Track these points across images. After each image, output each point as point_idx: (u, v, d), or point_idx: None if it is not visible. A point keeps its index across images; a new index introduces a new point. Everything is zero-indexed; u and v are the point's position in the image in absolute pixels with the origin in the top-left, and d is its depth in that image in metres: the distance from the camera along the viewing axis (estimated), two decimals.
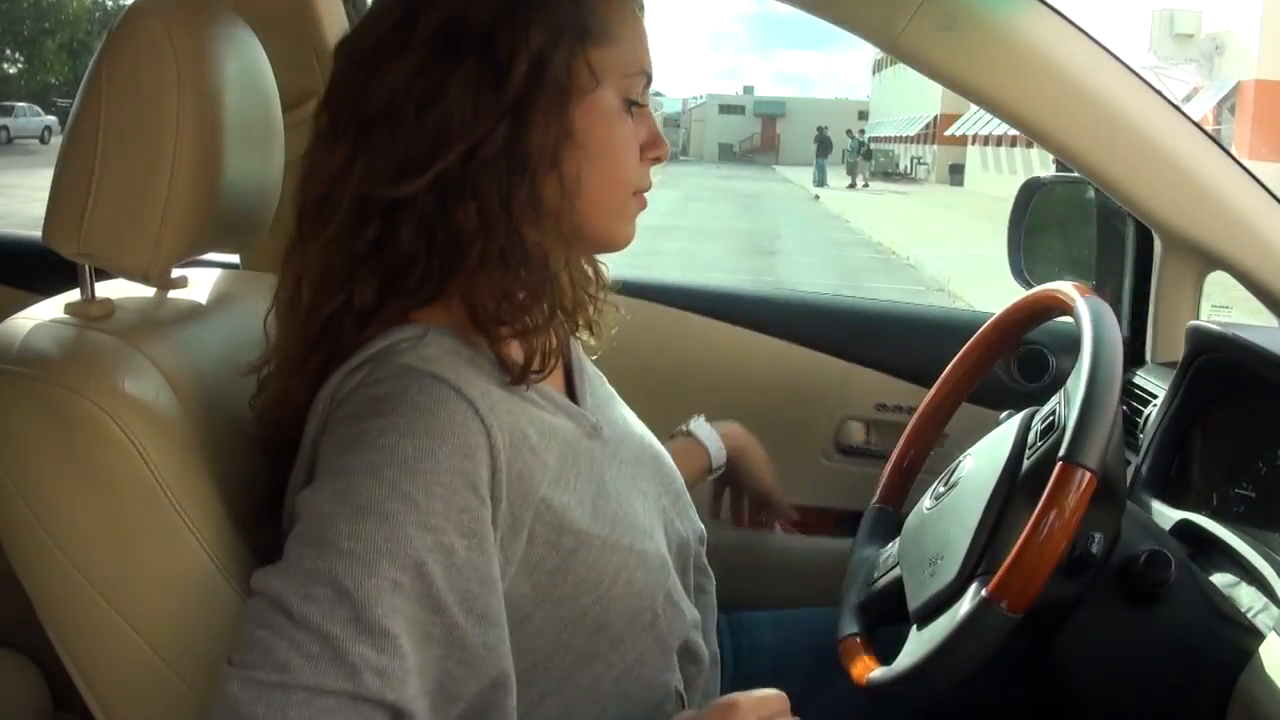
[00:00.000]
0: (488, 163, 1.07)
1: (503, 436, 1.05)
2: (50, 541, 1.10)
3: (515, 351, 1.13)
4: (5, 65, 50.75)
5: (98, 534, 1.10)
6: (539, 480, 1.10)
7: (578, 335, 1.35)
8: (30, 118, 40.79)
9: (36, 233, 1.22)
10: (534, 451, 1.10)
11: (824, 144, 40.16)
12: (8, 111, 39.91)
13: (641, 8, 1.19)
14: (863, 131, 43.51)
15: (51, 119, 40.43)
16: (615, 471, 1.23)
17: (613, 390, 1.40)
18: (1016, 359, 2.11)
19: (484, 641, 1.03)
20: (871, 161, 45.53)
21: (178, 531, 1.10)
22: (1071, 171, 1.87)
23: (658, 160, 1.20)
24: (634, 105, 1.16)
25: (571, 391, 1.30)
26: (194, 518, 1.11)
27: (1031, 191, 2.23)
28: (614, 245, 1.22)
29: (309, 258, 1.12)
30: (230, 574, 1.11)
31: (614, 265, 1.34)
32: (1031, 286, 1.60)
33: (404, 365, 1.06)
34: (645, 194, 1.21)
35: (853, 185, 38.64)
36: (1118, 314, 1.62)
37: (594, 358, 1.40)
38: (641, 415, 1.43)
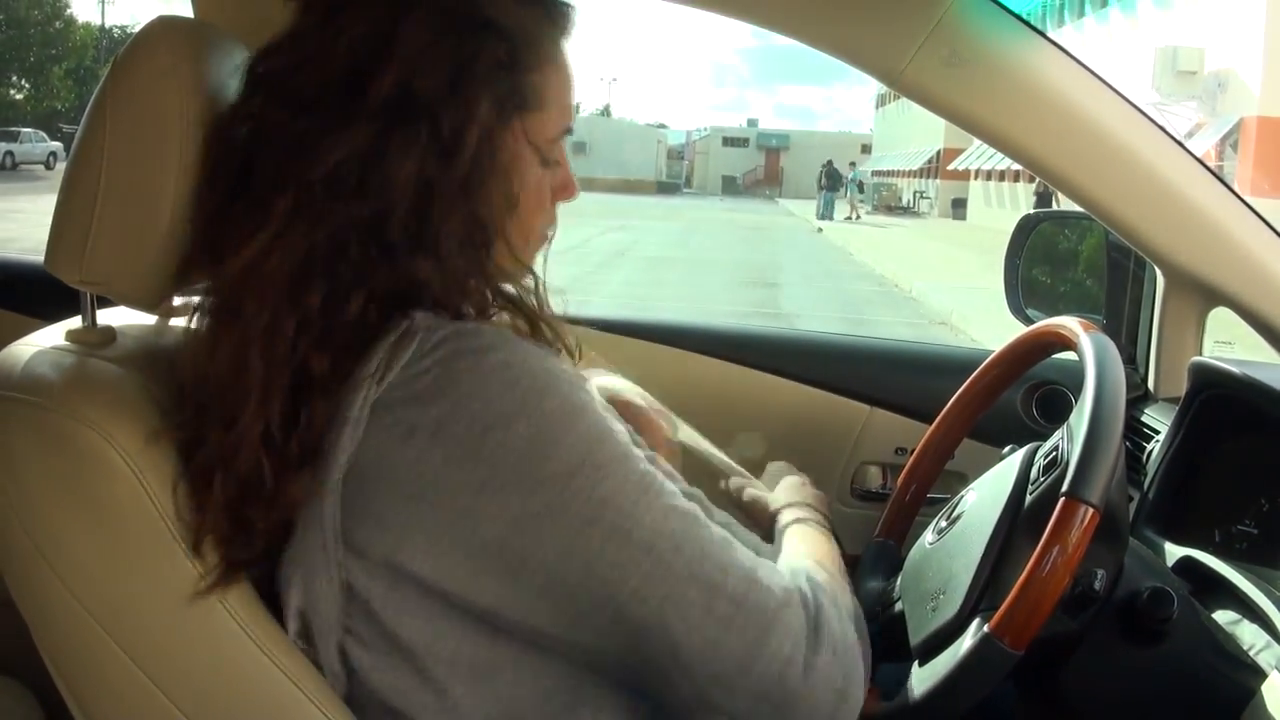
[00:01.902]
0: (429, 225, 1.09)
1: None
2: (48, 568, 1.09)
3: None
4: (12, 91, 50.90)
5: (96, 561, 1.10)
6: None
7: None
8: (36, 143, 40.90)
9: (40, 258, 1.21)
10: None
11: (833, 177, 40.11)
12: (14, 137, 40.03)
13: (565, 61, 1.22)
14: (853, 165, 43.52)
15: (57, 145, 40.52)
16: None
17: None
18: (1037, 399, 2.11)
19: None
20: (865, 195, 45.73)
21: (176, 559, 1.09)
22: (1054, 205, 1.87)
23: (568, 200, 1.26)
24: (551, 162, 1.20)
25: None
26: (194, 546, 1.10)
27: (1028, 228, 2.23)
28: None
29: (248, 323, 1.08)
30: (228, 603, 1.11)
31: (619, 303, 1.36)
32: (1030, 322, 1.59)
33: (455, 327, 1.07)
34: (547, 236, 1.26)
35: (848, 218, 38.71)
36: (1121, 350, 1.62)
37: None
38: None
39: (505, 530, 1.03)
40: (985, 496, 1.41)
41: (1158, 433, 1.77)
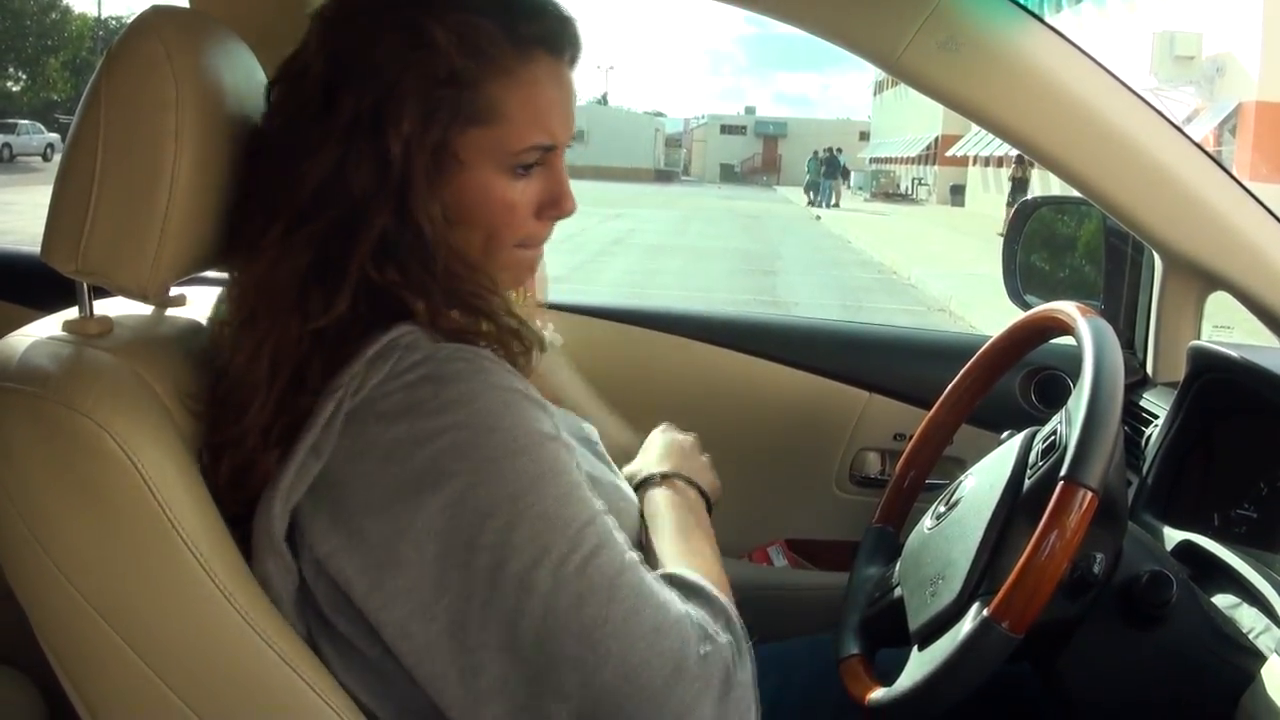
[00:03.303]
0: (389, 239, 1.13)
1: None
2: (47, 558, 1.09)
3: None
4: (8, 82, 50.87)
5: (95, 551, 1.09)
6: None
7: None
8: (33, 135, 40.83)
9: (37, 248, 1.21)
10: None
11: (832, 164, 40.09)
12: (10, 129, 39.96)
13: (561, 83, 1.21)
14: (840, 150, 43.61)
15: (54, 136, 40.44)
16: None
17: None
18: (1035, 384, 2.11)
19: None
20: (856, 181, 45.85)
21: (176, 549, 1.09)
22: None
23: (559, 217, 1.25)
24: (526, 168, 1.20)
25: None
26: (192, 536, 1.10)
27: (1026, 213, 2.23)
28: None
29: (260, 328, 1.14)
30: (228, 592, 1.11)
31: (618, 291, 1.36)
32: (1028, 308, 1.59)
33: (435, 344, 1.10)
34: (541, 245, 1.28)
35: (833, 205, 38.76)
36: (1119, 335, 1.62)
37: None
38: None
39: (424, 570, 1.05)
40: (984, 481, 1.41)
41: (1156, 417, 1.77)
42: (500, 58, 1.15)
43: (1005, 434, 1.49)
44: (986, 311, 11.59)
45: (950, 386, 1.65)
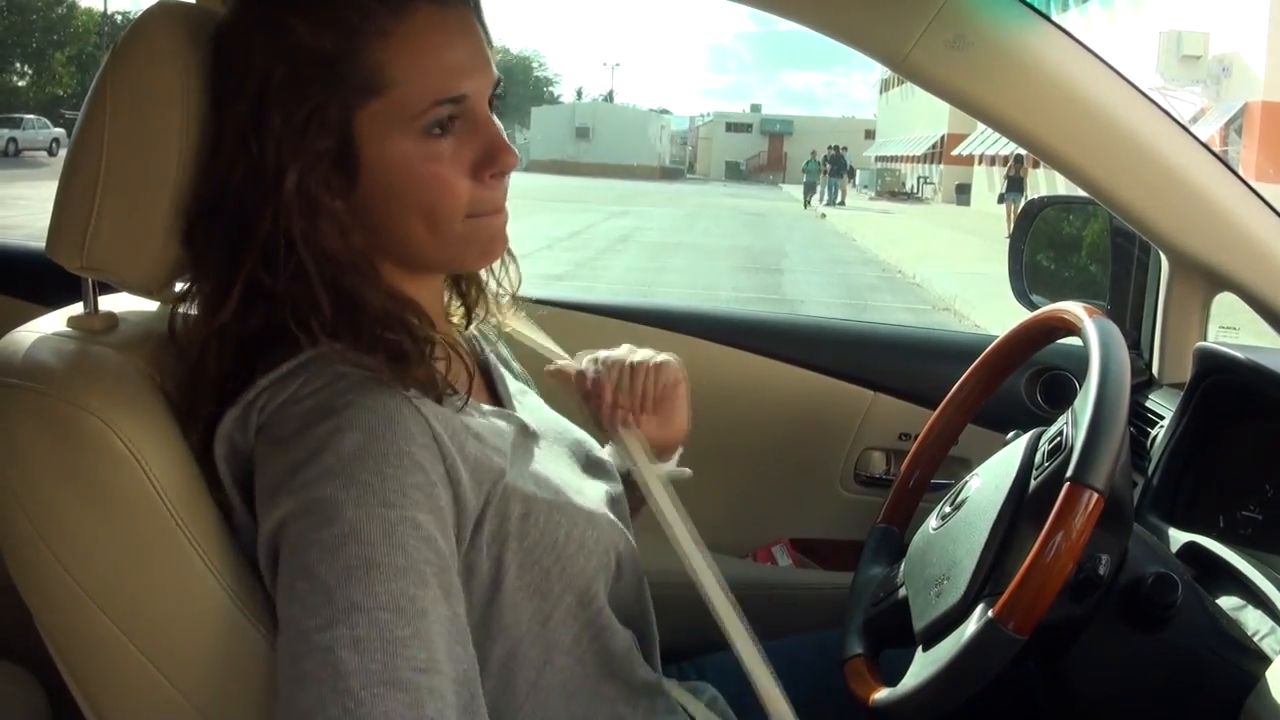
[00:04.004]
0: (295, 225, 1.10)
1: (442, 426, 1.10)
2: (50, 554, 1.09)
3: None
4: (14, 77, 50.91)
5: (99, 547, 1.09)
6: (495, 463, 1.14)
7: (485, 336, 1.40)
8: (39, 130, 40.90)
9: (42, 244, 1.21)
10: (479, 439, 1.14)
11: (838, 163, 40.13)
12: (16, 123, 40.03)
13: (452, 29, 1.14)
14: (845, 149, 43.73)
15: (60, 131, 40.54)
16: (547, 453, 1.27)
17: (521, 382, 1.43)
18: (1041, 385, 2.10)
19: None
20: (861, 180, 46.02)
21: (179, 545, 1.09)
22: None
23: (501, 173, 1.17)
24: (442, 128, 1.13)
25: (496, 398, 1.32)
26: (196, 532, 1.10)
27: (1032, 213, 2.23)
28: (463, 268, 1.24)
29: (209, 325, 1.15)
30: (231, 588, 1.11)
31: (622, 289, 1.35)
32: (1034, 308, 1.59)
33: (336, 372, 1.09)
34: (498, 210, 1.20)
35: (836, 202, 38.85)
36: (1125, 335, 1.62)
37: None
38: None
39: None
40: (989, 482, 1.41)
41: (1162, 418, 1.77)
42: (371, 22, 1.10)
43: (1011, 434, 1.49)
44: (991, 311, 11.58)
45: (956, 386, 1.65)
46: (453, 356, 1.17)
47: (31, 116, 41.99)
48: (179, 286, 1.20)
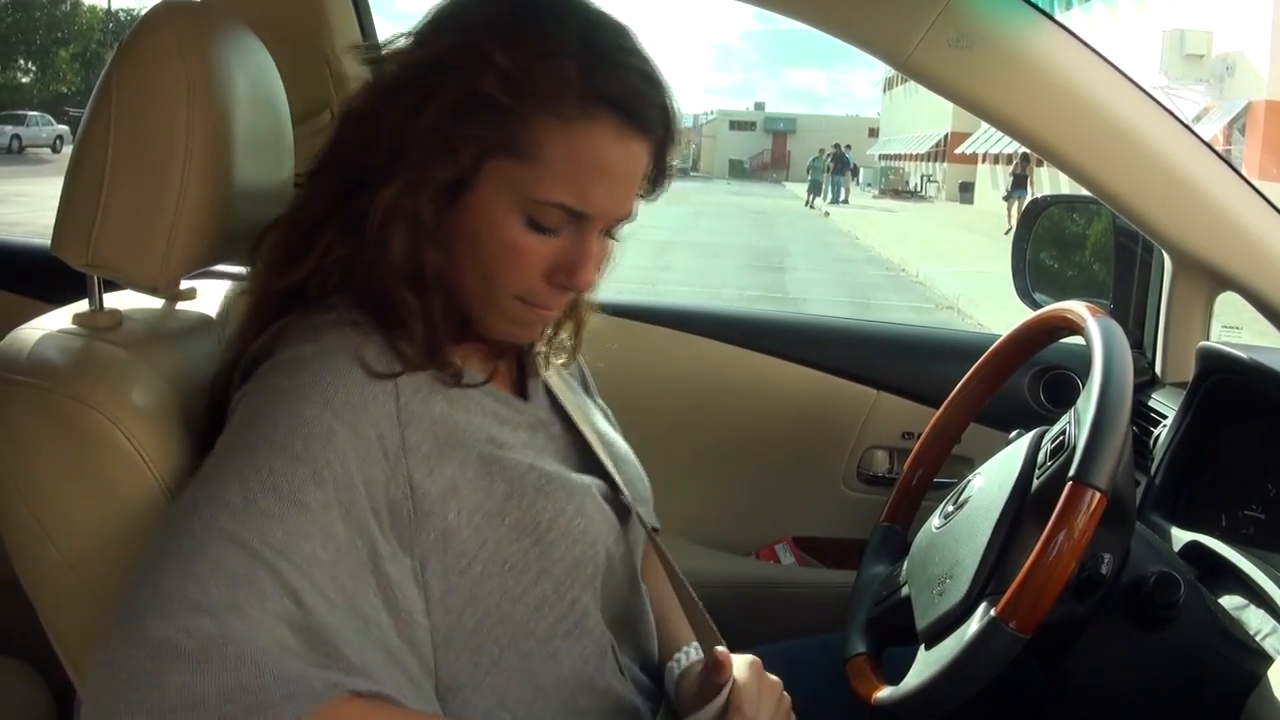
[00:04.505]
0: (405, 204, 1.13)
1: (414, 388, 1.12)
2: (55, 550, 1.10)
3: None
4: (18, 74, 50.89)
5: (103, 543, 1.10)
6: (473, 433, 1.16)
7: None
8: (42, 127, 40.85)
9: (47, 241, 1.22)
10: (465, 409, 1.16)
11: (841, 161, 40.09)
12: (20, 120, 39.99)
13: (620, 155, 1.15)
14: (850, 147, 43.70)
15: (63, 128, 40.48)
16: (558, 456, 1.26)
17: (593, 406, 1.43)
18: (1044, 384, 2.10)
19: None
20: (865, 178, 46.02)
21: None
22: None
23: (570, 288, 1.19)
24: (543, 228, 1.14)
25: (524, 393, 1.31)
26: None
27: (1036, 212, 2.23)
28: (490, 334, 1.23)
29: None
30: None
31: (627, 286, 1.33)
32: (1037, 307, 1.59)
33: (314, 324, 1.12)
34: (549, 309, 1.22)
35: (839, 200, 38.81)
36: (1128, 335, 1.63)
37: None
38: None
39: None
40: (992, 481, 1.41)
41: (1165, 417, 1.77)
42: (559, 101, 1.10)
43: (1014, 433, 1.49)
44: (994, 309, 11.58)
45: (959, 385, 1.65)
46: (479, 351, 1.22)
47: (35, 113, 41.93)
48: (184, 284, 1.20)
